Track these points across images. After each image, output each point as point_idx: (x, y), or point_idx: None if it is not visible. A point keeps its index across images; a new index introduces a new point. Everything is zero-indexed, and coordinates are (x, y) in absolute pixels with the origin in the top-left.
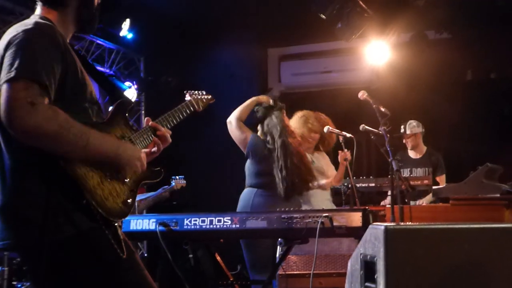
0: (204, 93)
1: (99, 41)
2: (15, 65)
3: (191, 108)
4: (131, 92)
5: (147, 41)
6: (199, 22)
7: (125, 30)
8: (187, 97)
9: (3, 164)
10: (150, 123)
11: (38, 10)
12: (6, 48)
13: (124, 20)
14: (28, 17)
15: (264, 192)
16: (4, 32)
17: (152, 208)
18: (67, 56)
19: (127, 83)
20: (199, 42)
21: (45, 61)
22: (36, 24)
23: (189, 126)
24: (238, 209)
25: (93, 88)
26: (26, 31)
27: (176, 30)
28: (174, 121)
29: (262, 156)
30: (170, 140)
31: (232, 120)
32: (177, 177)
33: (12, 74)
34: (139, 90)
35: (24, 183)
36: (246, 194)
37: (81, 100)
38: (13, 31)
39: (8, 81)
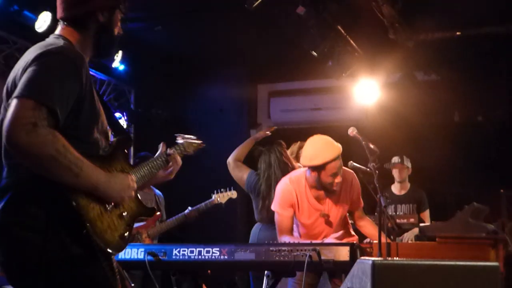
0: (194, 137)
1: (91, 72)
2: (30, 85)
3: (184, 152)
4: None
5: (138, 73)
6: (190, 57)
7: (117, 61)
8: (179, 140)
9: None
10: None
11: (60, 29)
12: (28, 66)
13: (117, 52)
14: (25, 46)
15: (267, 226)
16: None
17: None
18: (86, 84)
19: (117, 114)
20: (190, 76)
21: (61, 88)
22: (62, 48)
23: None
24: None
25: (104, 116)
26: (50, 53)
27: (167, 63)
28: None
29: (258, 191)
30: (180, 162)
31: (230, 161)
32: (221, 189)
33: (25, 92)
34: (129, 122)
35: (23, 204)
36: (254, 229)
37: (94, 130)
38: (37, 50)
39: (19, 97)
